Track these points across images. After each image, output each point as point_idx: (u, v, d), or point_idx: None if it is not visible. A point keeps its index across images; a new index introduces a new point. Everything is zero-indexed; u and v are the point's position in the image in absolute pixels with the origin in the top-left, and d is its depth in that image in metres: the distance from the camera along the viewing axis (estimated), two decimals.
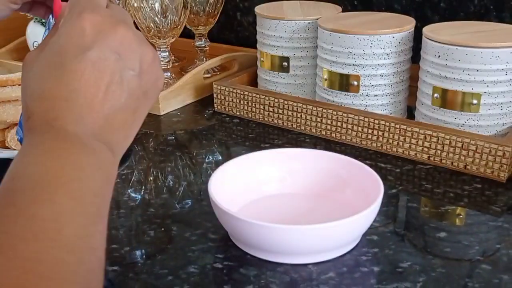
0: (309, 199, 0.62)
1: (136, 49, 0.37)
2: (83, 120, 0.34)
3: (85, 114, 0.35)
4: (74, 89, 0.34)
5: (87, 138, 0.34)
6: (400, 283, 0.49)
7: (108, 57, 0.36)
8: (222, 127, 0.86)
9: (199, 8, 1.03)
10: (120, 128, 0.37)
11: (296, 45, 0.86)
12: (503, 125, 0.72)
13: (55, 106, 0.34)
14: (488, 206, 0.62)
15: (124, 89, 0.36)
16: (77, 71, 0.35)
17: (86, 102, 0.35)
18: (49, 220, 0.29)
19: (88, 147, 0.34)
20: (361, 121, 0.76)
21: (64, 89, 0.34)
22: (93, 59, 0.35)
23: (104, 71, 0.35)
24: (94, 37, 0.35)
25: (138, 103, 0.38)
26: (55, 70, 0.35)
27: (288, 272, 0.51)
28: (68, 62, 0.35)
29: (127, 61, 0.37)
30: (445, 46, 0.70)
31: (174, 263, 0.53)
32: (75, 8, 0.37)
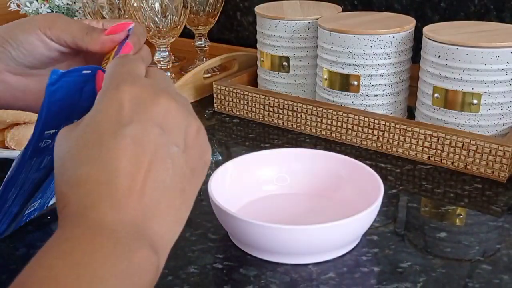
0: (309, 199, 0.62)
1: (180, 122, 0.34)
2: (122, 207, 0.30)
3: (125, 198, 0.30)
4: (114, 169, 0.30)
5: (125, 233, 0.30)
6: (400, 283, 0.49)
7: (150, 131, 0.32)
8: (222, 127, 0.86)
9: (199, 8, 1.03)
10: (166, 213, 0.32)
11: (296, 45, 0.86)
12: (503, 125, 0.72)
13: (93, 191, 0.30)
14: (488, 206, 0.62)
15: (169, 167, 0.32)
16: (116, 149, 0.31)
17: (127, 185, 0.30)
18: None
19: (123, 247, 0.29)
20: (361, 121, 0.76)
21: (102, 171, 0.30)
22: (133, 134, 0.31)
23: (146, 147, 0.31)
24: (133, 110, 0.32)
25: (186, 182, 0.33)
26: (92, 149, 0.31)
27: (288, 272, 0.51)
28: (106, 140, 0.31)
29: (171, 136, 0.33)
30: (445, 46, 0.70)
31: (174, 263, 0.53)
32: (112, 79, 0.34)
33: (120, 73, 0.34)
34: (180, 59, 1.15)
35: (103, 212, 0.30)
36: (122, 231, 0.30)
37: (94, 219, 0.29)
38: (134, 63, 0.36)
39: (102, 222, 0.29)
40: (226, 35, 1.22)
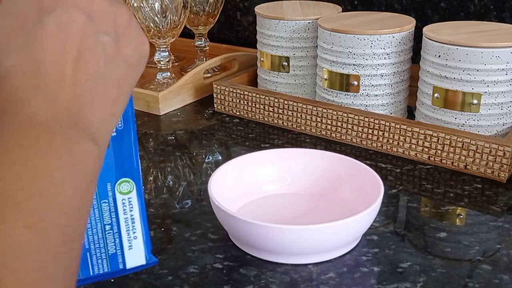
0: (309, 199, 0.62)
1: (107, 9, 0.31)
2: (54, 98, 0.28)
3: (57, 89, 0.28)
4: (42, 60, 0.28)
5: (60, 125, 0.28)
6: (400, 283, 0.49)
7: (75, 18, 0.29)
8: (222, 127, 0.86)
9: (199, 8, 1.03)
10: (102, 105, 0.30)
11: (296, 45, 0.86)
12: (503, 125, 0.72)
13: (21, 84, 0.28)
14: (488, 206, 0.62)
15: (100, 56, 0.30)
16: (41, 38, 0.28)
17: (57, 76, 0.29)
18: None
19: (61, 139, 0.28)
20: (361, 121, 0.76)
21: (30, 62, 0.28)
22: (58, 22, 0.29)
23: (73, 35, 0.29)
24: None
25: (120, 73, 0.32)
26: (14, 39, 0.29)
27: (288, 272, 0.51)
28: (29, 29, 0.29)
29: (98, 24, 0.30)
30: (445, 46, 0.70)
31: (174, 263, 0.53)
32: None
33: None
34: (180, 59, 1.15)
35: (35, 105, 0.28)
36: (58, 124, 0.28)
37: (26, 113, 0.28)
38: None
39: (35, 116, 0.28)
40: (226, 35, 1.22)
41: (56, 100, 0.28)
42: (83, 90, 0.29)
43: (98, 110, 0.30)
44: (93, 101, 0.30)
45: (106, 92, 0.31)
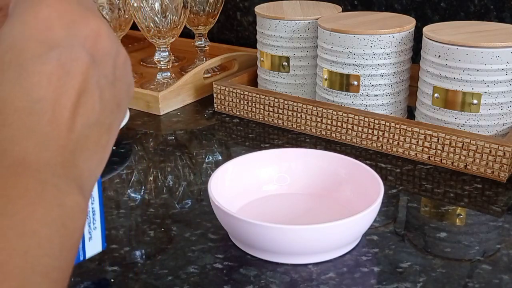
0: (309, 199, 0.62)
1: (111, 50, 0.29)
2: (48, 142, 0.26)
3: (53, 135, 0.26)
4: (39, 99, 0.26)
5: (52, 173, 0.26)
6: (400, 283, 0.49)
7: (79, 58, 0.27)
8: (222, 127, 0.86)
9: (199, 8, 1.03)
10: (94, 152, 0.28)
11: (296, 45, 0.86)
12: (503, 125, 0.72)
13: (12, 122, 0.25)
14: (488, 206, 0.62)
15: (97, 100, 0.28)
16: (42, 75, 0.26)
17: (54, 118, 0.26)
18: None
19: (52, 189, 0.25)
20: (361, 121, 0.76)
21: (25, 99, 0.26)
22: (61, 60, 0.27)
23: (75, 75, 0.27)
24: (62, 30, 0.27)
25: (113, 117, 0.30)
26: (10, 72, 0.26)
27: (288, 272, 0.51)
28: (30, 63, 0.26)
29: (101, 65, 0.29)
30: (445, 46, 0.70)
31: (174, 263, 0.53)
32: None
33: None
34: (180, 59, 1.15)
35: (26, 147, 0.25)
36: (49, 171, 0.26)
37: (16, 156, 0.25)
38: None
39: (26, 160, 0.25)
40: (226, 35, 1.22)
41: (50, 144, 0.26)
42: (78, 135, 0.27)
43: (89, 157, 0.28)
44: (86, 147, 0.28)
45: (99, 138, 0.29)
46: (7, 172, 0.24)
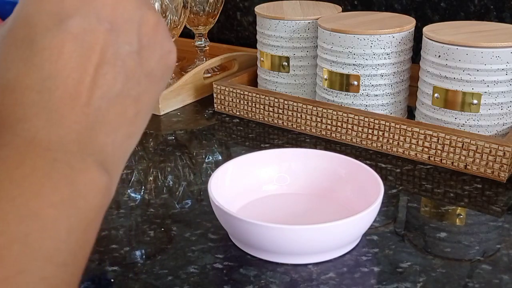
0: (309, 199, 0.62)
1: (132, 16, 0.27)
2: (61, 119, 0.25)
3: (66, 111, 0.25)
4: (50, 75, 0.25)
5: (64, 151, 0.25)
6: (400, 283, 0.49)
7: (95, 27, 0.26)
8: (222, 127, 0.86)
9: (199, 8, 1.03)
10: (117, 125, 0.27)
11: (296, 45, 0.86)
12: (503, 125, 0.72)
13: (22, 100, 0.24)
14: (488, 206, 0.62)
15: (119, 70, 0.27)
16: (52, 49, 0.25)
17: (67, 93, 0.25)
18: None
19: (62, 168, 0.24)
20: (361, 121, 0.76)
21: (35, 76, 0.25)
22: (75, 30, 0.25)
23: (91, 46, 0.26)
24: (75, 0, 0.26)
25: (140, 88, 0.28)
26: (22, 49, 0.25)
27: (288, 272, 0.51)
28: (40, 37, 0.25)
29: (121, 33, 0.27)
30: (445, 46, 0.70)
31: (174, 263, 0.53)
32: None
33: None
34: (180, 59, 1.15)
35: (36, 126, 0.24)
36: (61, 149, 0.24)
37: (25, 136, 0.24)
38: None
39: (35, 139, 0.24)
40: (226, 35, 1.22)
41: (63, 120, 0.25)
42: (96, 109, 0.26)
43: (112, 131, 0.27)
44: (107, 121, 0.26)
45: (124, 110, 0.27)
46: (15, 153, 0.24)
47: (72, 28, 0.25)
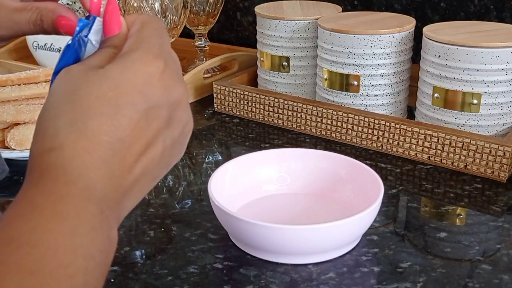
0: (309, 199, 0.62)
1: (184, 117, 0.33)
2: (113, 179, 0.29)
3: (118, 171, 0.30)
4: (121, 138, 0.29)
5: (107, 206, 0.29)
6: (400, 283, 0.49)
7: (162, 116, 0.31)
8: (222, 127, 0.86)
9: (199, 8, 1.03)
10: (137, 197, 0.32)
11: (296, 45, 0.86)
12: (503, 125, 0.72)
13: (93, 151, 0.29)
14: (488, 206, 0.62)
15: (157, 155, 0.32)
16: (131, 120, 0.30)
17: (123, 158, 0.30)
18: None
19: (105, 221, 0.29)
20: (361, 121, 0.76)
21: (111, 134, 0.29)
22: (149, 114, 0.31)
23: (151, 130, 0.31)
24: (159, 90, 0.31)
25: (161, 173, 0.33)
26: (107, 106, 0.29)
27: (288, 272, 0.51)
28: (124, 107, 0.30)
29: (173, 129, 0.32)
30: (445, 46, 0.70)
31: (174, 263, 0.53)
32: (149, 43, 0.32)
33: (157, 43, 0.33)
34: (180, 59, 1.15)
35: (97, 176, 0.29)
36: (105, 204, 0.29)
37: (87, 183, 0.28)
38: (167, 35, 0.35)
39: (92, 188, 0.28)
40: (226, 35, 1.22)
41: (113, 179, 0.29)
42: (134, 180, 0.31)
43: (132, 199, 0.32)
44: (135, 191, 0.31)
45: (146, 186, 0.32)
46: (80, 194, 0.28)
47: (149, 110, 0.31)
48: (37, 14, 0.42)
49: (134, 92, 0.30)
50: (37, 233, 0.26)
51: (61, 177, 0.28)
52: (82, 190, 0.28)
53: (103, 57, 0.32)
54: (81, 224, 0.27)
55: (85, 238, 0.27)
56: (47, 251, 0.25)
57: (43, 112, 0.30)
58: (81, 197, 0.28)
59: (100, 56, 0.32)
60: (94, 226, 0.28)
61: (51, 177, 0.28)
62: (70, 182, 0.28)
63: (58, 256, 0.26)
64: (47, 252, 0.25)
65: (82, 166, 0.28)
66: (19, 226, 0.26)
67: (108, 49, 0.33)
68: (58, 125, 0.29)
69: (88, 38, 0.35)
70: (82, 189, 0.28)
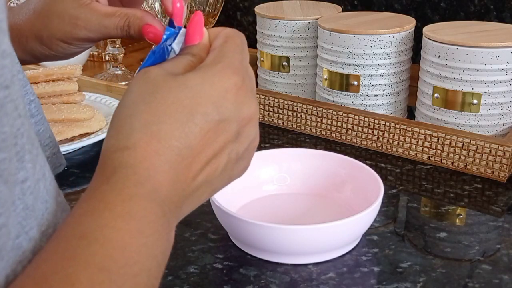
0: (309, 199, 0.62)
1: (252, 134, 0.35)
2: (177, 183, 0.31)
3: (182, 176, 0.31)
4: (190, 145, 0.31)
5: (169, 208, 0.30)
6: (400, 283, 0.49)
7: (231, 130, 0.33)
8: None
9: (199, 8, 1.03)
10: (196, 203, 0.34)
11: (296, 45, 0.86)
12: (503, 125, 0.72)
13: (163, 154, 0.30)
14: (488, 206, 0.62)
15: (221, 167, 0.33)
16: (202, 129, 0.31)
17: (189, 164, 0.31)
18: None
19: (167, 223, 0.30)
20: (361, 121, 0.76)
21: (180, 141, 0.31)
22: (219, 126, 0.32)
23: (219, 141, 0.32)
24: (232, 105, 0.32)
25: (221, 185, 0.35)
26: (181, 113, 0.31)
27: (288, 272, 0.51)
28: (197, 116, 0.31)
29: (240, 144, 0.34)
30: (445, 46, 0.70)
31: (174, 263, 0.53)
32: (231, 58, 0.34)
33: (238, 59, 0.34)
34: None
35: (163, 180, 0.30)
36: (168, 207, 0.30)
37: (154, 184, 0.29)
38: (247, 51, 0.36)
39: (159, 190, 0.30)
40: None
41: (178, 184, 0.31)
42: (195, 187, 0.32)
43: (190, 205, 0.33)
44: (194, 198, 0.33)
45: (205, 195, 0.34)
46: (148, 195, 0.29)
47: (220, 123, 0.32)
48: (125, 21, 0.44)
49: (208, 103, 0.32)
50: (107, 231, 0.27)
51: (131, 177, 0.29)
52: (149, 191, 0.29)
53: (181, 64, 0.34)
54: (148, 225, 0.28)
55: (150, 238, 0.28)
56: (115, 249, 0.26)
57: (120, 108, 0.32)
58: (148, 198, 0.29)
59: (179, 63, 0.34)
60: (157, 227, 0.29)
61: (122, 175, 0.29)
62: (139, 183, 0.29)
63: (125, 254, 0.27)
64: (115, 250, 0.26)
65: (151, 168, 0.30)
66: (91, 222, 0.27)
67: (187, 57, 0.35)
68: (133, 124, 0.30)
69: (171, 47, 0.36)
70: (149, 191, 0.29)
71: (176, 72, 0.33)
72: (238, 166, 0.35)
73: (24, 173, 0.26)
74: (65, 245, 0.26)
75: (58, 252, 0.26)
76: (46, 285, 0.25)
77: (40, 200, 0.27)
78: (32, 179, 0.26)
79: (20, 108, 0.25)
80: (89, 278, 0.25)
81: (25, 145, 0.26)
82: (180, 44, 0.37)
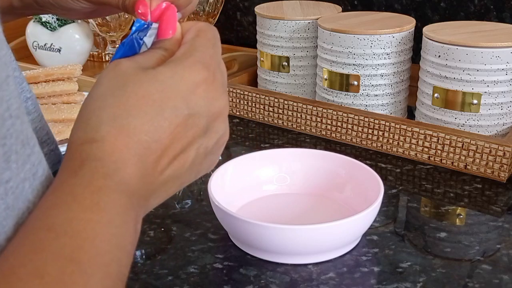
0: (309, 199, 0.62)
1: (221, 129, 0.35)
2: (145, 176, 0.31)
3: (150, 170, 0.31)
4: (159, 139, 0.31)
5: (137, 201, 0.31)
6: (400, 283, 0.49)
7: (200, 125, 0.33)
8: None
9: (199, 8, 1.03)
10: (163, 196, 0.34)
11: (296, 45, 0.86)
12: (503, 125, 0.72)
13: (132, 148, 0.30)
14: (488, 206, 0.62)
15: (188, 162, 0.33)
16: (171, 123, 0.31)
17: (157, 158, 0.31)
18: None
19: (135, 215, 0.30)
20: (361, 121, 0.76)
21: (150, 134, 0.30)
22: (189, 120, 0.32)
23: (188, 136, 0.32)
24: (203, 100, 0.32)
25: (188, 179, 0.35)
26: (150, 107, 0.31)
27: (288, 272, 0.51)
28: (167, 110, 0.31)
29: (209, 139, 0.34)
30: (445, 46, 0.70)
31: (174, 263, 0.53)
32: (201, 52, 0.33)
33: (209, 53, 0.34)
34: None
35: (132, 173, 0.30)
36: (136, 200, 0.30)
37: (123, 177, 0.30)
38: (219, 45, 0.36)
39: (128, 183, 0.30)
40: (226, 35, 1.22)
41: (146, 178, 0.31)
42: (162, 181, 0.32)
43: (157, 199, 0.33)
44: (161, 192, 0.33)
45: (172, 189, 0.34)
46: (116, 187, 0.29)
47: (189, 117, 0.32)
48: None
49: (178, 98, 0.31)
50: (76, 223, 0.27)
51: (100, 170, 0.29)
52: (118, 183, 0.29)
53: (153, 58, 0.33)
54: (117, 216, 0.28)
55: (119, 229, 0.28)
56: (85, 240, 0.26)
57: (88, 100, 0.31)
58: (117, 190, 0.29)
59: (150, 57, 0.33)
60: (126, 218, 0.29)
61: (90, 168, 0.29)
62: (107, 175, 0.29)
63: (95, 244, 0.27)
64: (85, 241, 0.26)
65: (119, 161, 0.29)
66: (60, 215, 0.27)
67: (159, 51, 0.34)
68: (101, 117, 0.30)
69: (143, 41, 0.36)
70: (118, 183, 0.29)
71: (148, 66, 0.33)
72: (206, 161, 0.35)
73: (9, 173, 0.26)
74: (33, 237, 0.26)
75: (26, 244, 0.26)
76: (15, 278, 0.24)
77: (21, 200, 0.27)
78: (16, 179, 0.26)
79: (12, 108, 0.25)
80: (58, 269, 0.25)
81: (13, 146, 0.26)
82: (152, 37, 0.36)
